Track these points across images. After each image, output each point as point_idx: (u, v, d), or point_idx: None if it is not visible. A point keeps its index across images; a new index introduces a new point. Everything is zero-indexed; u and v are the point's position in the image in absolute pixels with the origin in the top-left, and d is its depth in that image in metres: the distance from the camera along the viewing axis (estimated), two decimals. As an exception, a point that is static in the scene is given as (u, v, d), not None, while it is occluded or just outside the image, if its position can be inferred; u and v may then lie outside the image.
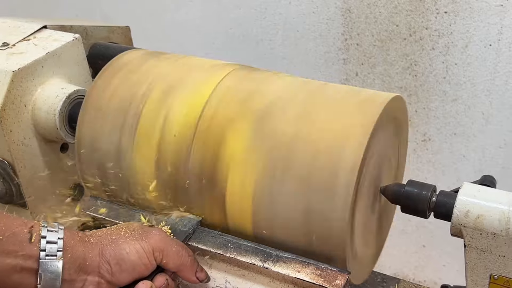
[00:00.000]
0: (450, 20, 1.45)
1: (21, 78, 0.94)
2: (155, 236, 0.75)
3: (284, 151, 0.77)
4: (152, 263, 0.74)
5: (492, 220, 0.72)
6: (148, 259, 0.73)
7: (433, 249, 1.76)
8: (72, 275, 0.70)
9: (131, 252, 0.73)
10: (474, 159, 1.57)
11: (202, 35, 1.78)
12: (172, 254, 0.75)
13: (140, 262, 0.73)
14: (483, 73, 1.46)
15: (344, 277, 0.73)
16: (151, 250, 0.74)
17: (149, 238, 0.74)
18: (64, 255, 0.69)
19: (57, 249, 0.69)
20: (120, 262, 0.72)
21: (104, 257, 0.72)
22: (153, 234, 0.76)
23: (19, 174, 0.97)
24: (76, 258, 0.70)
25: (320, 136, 0.76)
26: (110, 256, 0.72)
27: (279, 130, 0.78)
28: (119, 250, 0.72)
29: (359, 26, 1.56)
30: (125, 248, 0.73)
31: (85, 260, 0.71)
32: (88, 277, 0.71)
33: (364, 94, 0.81)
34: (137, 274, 0.73)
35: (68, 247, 0.70)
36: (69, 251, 0.70)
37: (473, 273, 0.76)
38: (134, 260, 0.73)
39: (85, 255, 0.71)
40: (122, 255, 0.72)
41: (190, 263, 0.77)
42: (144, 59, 0.94)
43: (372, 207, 0.84)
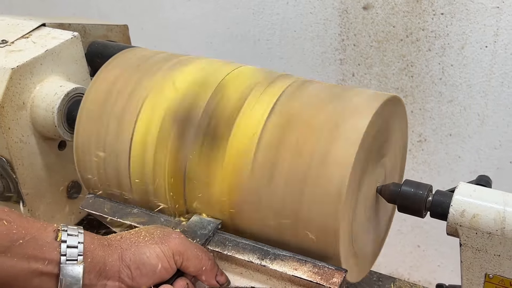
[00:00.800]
0: (446, 22, 1.45)
1: (19, 75, 0.94)
2: (175, 240, 0.74)
3: (293, 124, 0.79)
4: (173, 266, 0.73)
5: (488, 220, 0.73)
6: (169, 263, 0.73)
7: (428, 249, 1.77)
8: (92, 280, 0.69)
9: (152, 256, 0.72)
10: (470, 160, 1.58)
11: (200, 34, 1.78)
12: (192, 257, 0.74)
13: (161, 265, 0.72)
14: (479, 74, 1.47)
15: (341, 275, 0.74)
16: (172, 254, 0.73)
17: (169, 241, 0.74)
18: (84, 260, 0.68)
19: (78, 253, 0.68)
20: (140, 267, 0.71)
21: (124, 262, 0.71)
22: (173, 237, 0.75)
23: (17, 171, 0.97)
24: (96, 263, 0.70)
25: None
26: (131, 261, 0.71)
27: (295, 105, 0.81)
28: (139, 254, 0.72)
29: (356, 26, 1.56)
30: (146, 252, 0.72)
31: (105, 264, 0.70)
32: (108, 282, 0.70)
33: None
34: (157, 278, 0.73)
35: (88, 252, 0.69)
36: (89, 256, 0.69)
37: (469, 272, 0.77)
38: (154, 264, 0.72)
39: (105, 259, 0.70)
40: (143, 259, 0.72)
41: (211, 267, 0.76)
42: (143, 58, 0.95)
43: (371, 207, 0.85)
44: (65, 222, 1.06)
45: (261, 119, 0.79)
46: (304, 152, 0.76)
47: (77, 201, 1.08)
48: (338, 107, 0.78)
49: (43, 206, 1.03)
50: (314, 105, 0.80)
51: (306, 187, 0.75)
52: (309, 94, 0.82)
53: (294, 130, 0.77)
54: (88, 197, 0.92)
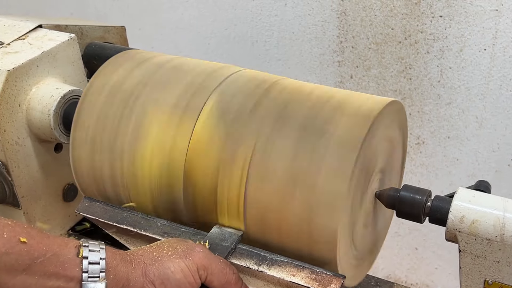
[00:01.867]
0: (445, 24, 1.45)
1: (15, 77, 0.94)
2: (199, 254, 0.72)
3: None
4: (197, 281, 0.72)
5: (487, 226, 0.72)
6: (193, 278, 0.71)
7: (425, 251, 1.77)
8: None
9: (176, 271, 0.70)
10: (468, 162, 1.57)
11: (197, 35, 1.78)
12: (217, 271, 0.73)
13: (185, 280, 0.70)
14: (477, 77, 1.47)
15: (339, 282, 0.73)
16: (196, 268, 0.71)
17: (193, 255, 0.72)
18: (106, 276, 0.66)
19: (100, 269, 0.66)
20: (165, 282, 0.70)
21: (148, 277, 0.69)
22: (197, 251, 0.73)
23: (13, 173, 0.96)
24: (119, 279, 0.68)
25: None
26: (155, 276, 0.69)
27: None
28: (163, 269, 0.70)
29: (354, 28, 1.56)
30: (170, 266, 0.70)
31: (128, 281, 0.68)
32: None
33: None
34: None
35: (110, 268, 0.67)
36: (111, 272, 0.67)
37: (468, 278, 0.76)
38: (179, 279, 0.70)
39: (128, 275, 0.69)
40: (167, 274, 0.70)
41: (235, 281, 0.75)
42: (141, 60, 0.94)
43: (369, 211, 0.84)
44: (60, 225, 1.06)
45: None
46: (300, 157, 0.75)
47: (73, 204, 1.07)
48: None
49: (39, 208, 1.02)
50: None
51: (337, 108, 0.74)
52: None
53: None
54: (84, 201, 0.91)
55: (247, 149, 0.78)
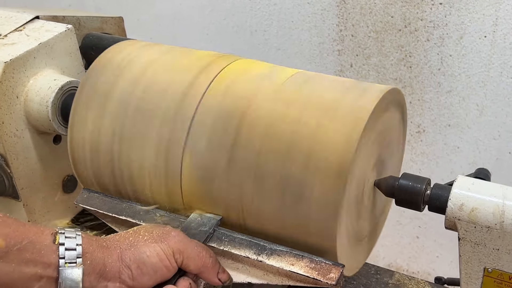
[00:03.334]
0: (445, 12, 1.44)
1: (13, 69, 0.93)
2: (175, 238, 0.73)
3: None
4: (173, 265, 0.72)
5: (486, 213, 0.72)
6: (169, 261, 0.72)
7: (426, 240, 1.77)
8: (93, 282, 0.68)
9: (152, 255, 0.71)
10: (468, 150, 1.57)
11: (196, 25, 1.77)
12: (193, 255, 0.74)
13: (161, 264, 0.71)
14: (477, 64, 1.46)
15: (338, 270, 0.73)
16: (172, 252, 0.72)
17: (168, 240, 0.73)
18: (83, 262, 0.67)
19: (76, 255, 0.67)
20: (141, 266, 0.71)
21: (124, 262, 0.70)
22: (172, 236, 0.74)
23: (12, 166, 0.96)
24: (96, 265, 0.69)
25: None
26: (130, 260, 0.70)
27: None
28: (139, 253, 0.71)
29: (354, 17, 1.55)
30: (145, 251, 0.71)
31: (105, 266, 0.69)
32: (109, 283, 0.70)
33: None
34: (159, 277, 0.72)
35: (87, 254, 0.68)
36: (88, 258, 0.68)
37: (467, 266, 0.76)
38: (155, 263, 0.71)
39: (104, 260, 0.69)
40: (143, 259, 0.71)
41: (212, 264, 0.75)
42: (139, 50, 0.93)
43: (368, 200, 0.84)
44: (60, 217, 1.06)
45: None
46: (306, 124, 0.75)
47: (73, 196, 1.07)
48: (347, 91, 0.78)
49: (38, 200, 1.02)
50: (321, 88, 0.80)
51: (309, 161, 0.73)
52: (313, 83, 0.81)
53: (295, 106, 0.76)
54: (83, 192, 0.91)
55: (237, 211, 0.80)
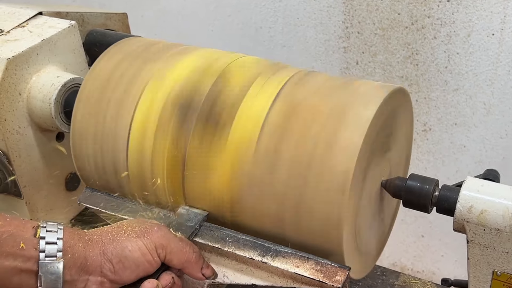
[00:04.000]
0: (452, 9, 1.43)
1: (15, 65, 0.92)
2: (157, 233, 0.73)
3: (295, 112, 0.77)
4: (156, 260, 0.72)
5: (496, 216, 0.71)
6: (152, 256, 0.72)
7: (431, 239, 1.76)
8: (74, 276, 0.68)
9: (134, 250, 0.71)
10: (475, 149, 1.56)
11: (201, 22, 1.76)
12: (176, 250, 0.73)
13: (143, 259, 0.71)
14: (485, 62, 1.45)
15: (344, 273, 0.72)
16: (154, 247, 0.72)
17: (151, 234, 0.73)
18: (64, 256, 0.67)
19: (57, 249, 0.67)
20: (122, 260, 0.70)
21: (106, 256, 0.70)
22: (155, 230, 0.74)
23: (14, 163, 0.95)
24: (77, 258, 0.69)
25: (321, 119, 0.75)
26: (112, 255, 0.70)
27: (299, 95, 0.78)
28: (121, 247, 0.71)
29: (360, 14, 1.54)
30: (127, 245, 0.71)
31: (86, 259, 0.69)
32: (90, 277, 0.70)
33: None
34: (141, 271, 0.72)
35: (68, 247, 0.68)
36: (69, 252, 0.68)
37: (476, 269, 0.75)
38: (137, 258, 0.71)
39: (86, 254, 0.69)
40: (125, 253, 0.71)
41: (195, 260, 0.75)
42: (143, 47, 0.92)
43: (375, 202, 0.83)
44: (63, 215, 1.06)
45: (265, 106, 0.78)
46: (308, 139, 0.74)
47: (75, 193, 1.06)
48: (345, 95, 0.77)
49: (41, 198, 1.01)
50: (320, 93, 0.78)
51: (310, 175, 0.73)
52: (315, 83, 0.80)
53: (299, 117, 0.75)
54: (85, 191, 0.90)
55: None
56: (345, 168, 0.71)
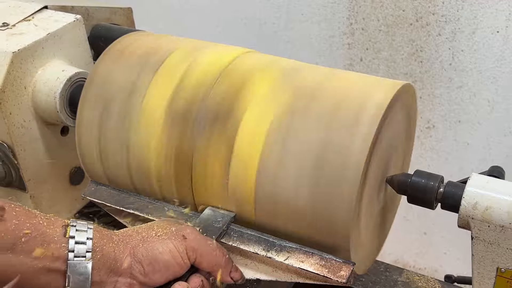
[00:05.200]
0: (457, 6, 1.42)
1: (21, 59, 0.92)
2: (189, 235, 0.72)
3: (310, 92, 0.77)
4: (186, 262, 0.71)
5: (501, 213, 0.71)
6: (182, 259, 0.71)
7: (434, 236, 1.76)
8: (103, 277, 0.68)
9: (164, 252, 0.70)
10: (479, 147, 1.56)
11: (205, 17, 1.76)
12: (206, 253, 0.72)
13: (174, 261, 0.70)
14: (489, 60, 1.44)
15: (348, 268, 0.72)
16: (185, 250, 0.71)
17: (182, 237, 0.72)
18: (93, 256, 0.67)
19: (86, 249, 0.66)
20: (153, 262, 0.70)
21: (136, 257, 0.69)
22: (187, 233, 0.73)
23: (19, 157, 0.95)
24: (107, 259, 0.68)
25: (345, 89, 0.77)
26: (143, 256, 0.69)
27: (307, 78, 0.79)
28: (151, 249, 0.70)
29: (364, 10, 1.53)
30: (158, 247, 0.70)
31: (116, 261, 0.68)
32: (120, 278, 0.69)
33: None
34: (171, 274, 0.71)
35: (97, 248, 0.67)
36: (98, 252, 0.67)
37: (480, 266, 0.75)
38: (167, 260, 0.70)
39: (115, 255, 0.68)
40: (155, 255, 0.70)
41: (225, 263, 0.74)
42: (150, 41, 0.92)
43: (378, 196, 0.83)
44: (67, 208, 1.06)
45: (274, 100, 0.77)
46: (319, 125, 0.74)
47: (79, 187, 1.06)
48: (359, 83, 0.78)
49: (45, 192, 1.01)
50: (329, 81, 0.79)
51: (321, 168, 0.72)
52: (322, 73, 0.81)
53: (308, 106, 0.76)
54: (90, 185, 0.90)
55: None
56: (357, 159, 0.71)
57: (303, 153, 0.73)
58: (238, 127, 0.77)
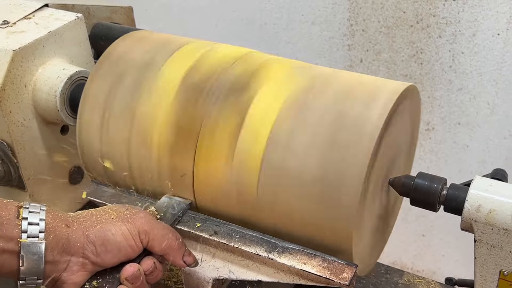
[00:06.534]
0: (458, 8, 1.42)
1: (21, 57, 0.92)
2: (141, 219, 0.74)
3: (326, 78, 0.80)
4: (139, 245, 0.73)
5: (505, 216, 0.70)
6: (134, 241, 0.72)
7: (432, 238, 1.76)
8: (56, 257, 0.69)
9: (117, 234, 0.72)
10: (478, 149, 1.56)
11: (205, 17, 1.75)
12: (159, 236, 0.74)
13: (126, 243, 0.72)
14: (490, 62, 1.44)
15: (351, 270, 0.72)
16: (137, 233, 0.73)
17: (135, 220, 0.74)
18: (46, 237, 0.68)
19: (39, 230, 0.68)
20: (105, 243, 0.71)
21: (89, 238, 0.71)
22: (139, 216, 0.74)
23: (18, 155, 0.95)
24: (59, 239, 0.69)
25: (359, 77, 0.80)
26: (95, 237, 0.71)
27: (322, 70, 0.83)
28: (104, 231, 0.72)
29: (365, 11, 1.53)
30: (111, 229, 0.72)
31: (68, 241, 0.70)
32: (72, 257, 0.70)
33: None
34: (123, 256, 0.72)
35: (50, 228, 0.69)
36: (51, 232, 0.69)
37: (483, 269, 0.74)
38: (119, 242, 0.72)
39: (68, 236, 0.70)
40: (108, 236, 0.71)
41: (177, 247, 0.76)
42: (151, 39, 0.92)
43: (380, 196, 0.82)
44: (67, 208, 1.05)
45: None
46: (330, 115, 0.75)
47: (79, 187, 1.06)
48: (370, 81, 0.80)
49: (44, 191, 1.01)
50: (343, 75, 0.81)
51: (335, 135, 0.73)
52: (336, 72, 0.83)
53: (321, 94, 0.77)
54: (91, 185, 0.90)
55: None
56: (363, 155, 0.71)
57: (318, 122, 0.74)
58: (252, 101, 0.78)
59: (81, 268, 0.71)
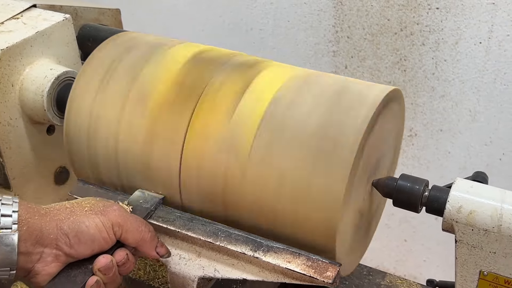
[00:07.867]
0: (441, 16, 1.45)
1: (9, 57, 0.92)
2: (114, 211, 0.75)
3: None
4: (112, 237, 0.74)
5: (484, 216, 0.72)
6: (108, 234, 0.74)
7: (414, 244, 1.77)
8: (29, 248, 0.70)
9: (90, 226, 0.73)
10: (460, 155, 1.58)
11: (192, 21, 1.76)
12: (132, 229, 0.75)
13: (99, 235, 0.73)
14: (472, 70, 1.47)
15: (335, 269, 0.73)
16: (111, 225, 0.74)
17: (108, 213, 0.75)
18: (19, 228, 0.69)
19: (12, 222, 0.68)
20: (78, 235, 0.72)
21: (62, 230, 0.72)
22: (112, 209, 0.76)
23: (4, 155, 0.95)
24: (32, 231, 0.70)
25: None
26: (69, 229, 0.72)
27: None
28: (77, 223, 0.72)
29: (350, 18, 1.55)
30: (84, 221, 0.73)
31: (41, 232, 0.70)
32: (45, 249, 0.71)
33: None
34: (96, 247, 0.73)
35: (23, 220, 0.69)
36: (24, 224, 0.69)
37: (463, 269, 0.76)
38: (93, 234, 0.73)
39: (41, 227, 0.71)
40: (81, 228, 0.72)
41: (150, 239, 0.77)
42: (139, 41, 0.93)
43: (364, 194, 0.83)
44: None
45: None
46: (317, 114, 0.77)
47: (64, 187, 1.06)
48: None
49: (30, 191, 1.01)
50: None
51: (339, 99, 0.78)
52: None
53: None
54: (78, 183, 0.90)
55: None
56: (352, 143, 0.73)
57: (321, 93, 0.79)
58: (259, 73, 0.84)
59: (55, 259, 0.72)
